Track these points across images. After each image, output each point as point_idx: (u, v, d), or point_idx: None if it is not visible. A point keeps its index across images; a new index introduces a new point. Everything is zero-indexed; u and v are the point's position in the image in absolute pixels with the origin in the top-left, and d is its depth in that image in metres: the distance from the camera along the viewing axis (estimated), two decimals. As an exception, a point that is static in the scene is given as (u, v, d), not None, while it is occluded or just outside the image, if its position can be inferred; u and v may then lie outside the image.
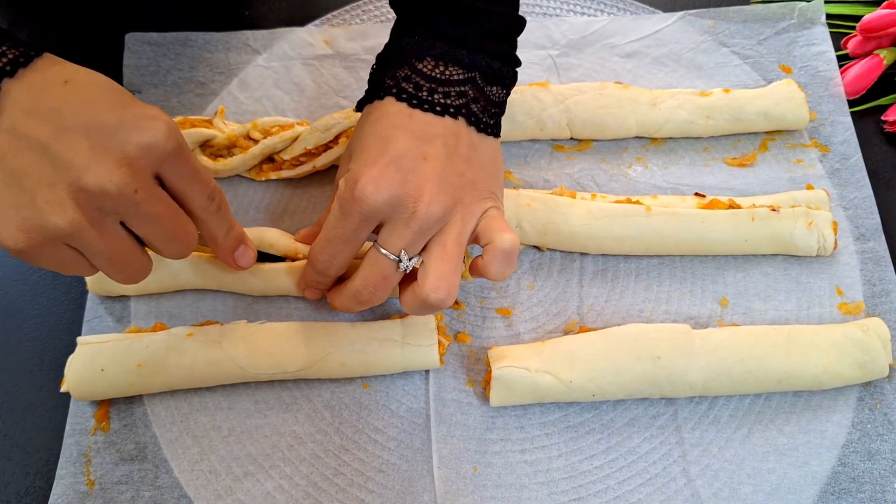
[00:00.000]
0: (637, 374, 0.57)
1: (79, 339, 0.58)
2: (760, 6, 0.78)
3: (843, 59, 0.76)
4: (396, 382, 0.60)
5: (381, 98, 0.54)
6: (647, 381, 0.57)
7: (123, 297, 0.63)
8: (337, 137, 0.67)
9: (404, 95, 0.52)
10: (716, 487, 0.56)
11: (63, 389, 0.57)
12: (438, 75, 0.53)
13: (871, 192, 0.68)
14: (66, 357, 0.58)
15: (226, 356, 0.57)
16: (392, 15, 0.78)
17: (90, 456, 0.57)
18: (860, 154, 0.70)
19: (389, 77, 0.54)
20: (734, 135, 0.72)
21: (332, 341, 0.58)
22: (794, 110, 0.70)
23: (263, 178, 0.68)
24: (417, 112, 0.52)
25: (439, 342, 0.59)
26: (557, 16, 0.79)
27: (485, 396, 0.60)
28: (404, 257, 0.51)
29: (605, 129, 0.70)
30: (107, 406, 0.59)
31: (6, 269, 0.65)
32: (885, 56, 0.73)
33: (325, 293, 0.60)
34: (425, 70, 0.53)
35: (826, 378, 0.58)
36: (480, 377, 0.61)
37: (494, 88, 0.55)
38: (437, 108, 0.52)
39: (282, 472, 0.57)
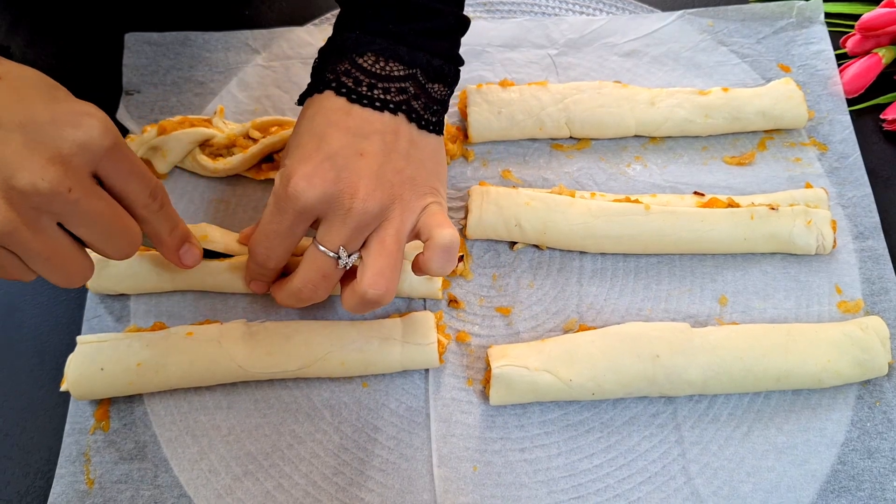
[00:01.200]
0: (636, 373, 0.57)
1: (78, 338, 0.58)
2: (759, 5, 0.79)
3: (842, 58, 0.76)
4: (396, 381, 0.60)
5: (321, 92, 0.53)
6: (646, 379, 0.57)
7: (123, 297, 0.63)
8: (336, 137, 0.67)
9: (343, 90, 0.52)
10: (715, 486, 0.56)
11: (63, 388, 0.57)
12: (379, 71, 0.53)
13: (869, 190, 0.68)
14: (66, 356, 0.58)
15: (225, 355, 0.57)
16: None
17: (90, 455, 0.57)
18: (859, 152, 0.70)
19: (330, 71, 0.53)
20: (733, 133, 0.72)
21: (331, 340, 0.58)
22: (792, 109, 0.70)
23: (263, 178, 0.68)
24: (356, 108, 0.52)
25: (439, 341, 0.59)
26: (556, 15, 0.79)
27: (484, 395, 0.60)
28: (343, 254, 0.51)
29: (604, 127, 0.70)
30: (106, 405, 0.59)
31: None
32: (883, 55, 0.74)
33: (269, 286, 0.59)
34: (365, 65, 0.52)
35: (825, 376, 0.58)
36: (480, 376, 0.61)
37: (436, 86, 0.55)
38: (377, 104, 0.52)
39: (281, 472, 0.57)
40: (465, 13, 0.58)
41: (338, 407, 0.59)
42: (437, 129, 0.56)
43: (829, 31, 0.77)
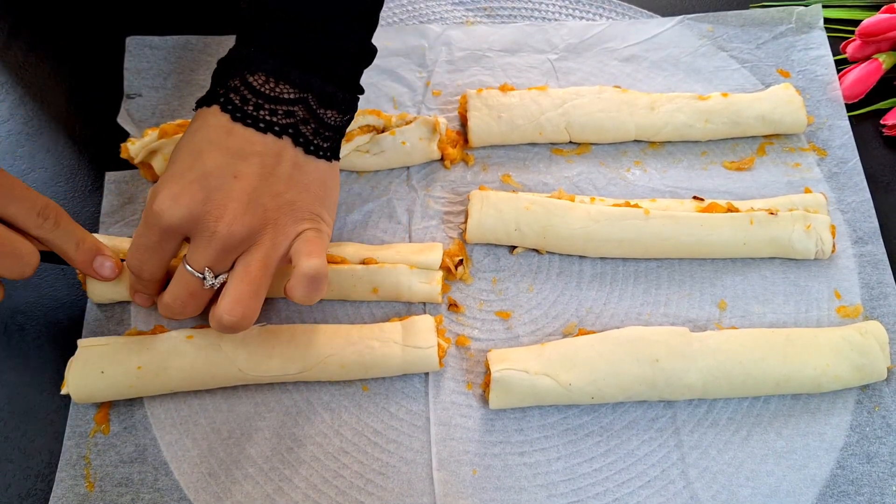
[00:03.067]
0: (636, 377, 0.57)
1: (79, 341, 0.58)
2: (759, 10, 0.79)
3: (842, 64, 0.76)
4: (396, 385, 0.61)
5: (209, 105, 0.52)
6: (645, 383, 0.57)
7: (124, 301, 0.63)
8: (337, 141, 0.67)
9: (230, 107, 0.51)
10: (714, 490, 0.56)
11: (63, 392, 0.57)
12: (268, 91, 0.52)
13: (869, 195, 0.68)
14: (67, 360, 0.58)
15: (226, 358, 0.57)
16: (392, 18, 0.79)
17: (90, 458, 0.57)
18: (858, 158, 0.70)
19: (221, 85, 0.53)
20: (732, 139, 0.72)
21: (331, 344, 0.58)
22: (792, 114, 0.70)
23: (263, 182, 0.68)
24: (238, 127, 0.51)
25: (439, 345, 0.59)
26: (556, 20, 0.79)
27: (484, 399, 0.60)
28: (209, 275, 0.51)
29: (604, 132, 0.70)
30: (106, 408, 0.59)
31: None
32: (883, 60, 0.74)
33: (152, 300, 0.59)
34: (255, 84, 0.52)
35: (824, 381, 0.58)
36: (480, 380, 0.61)
37: (329, 112, 0.54)
38: (261, 125, 0.51)
39: (281, 475, 0.57)
40: (372, 43, 0.57)
41: (338, 410, 0.59)
42: (327, 155, 0.55)
43: (830, 37, 0.77)
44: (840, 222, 0.67)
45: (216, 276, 0.51)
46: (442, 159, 0.70)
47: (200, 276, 0.51)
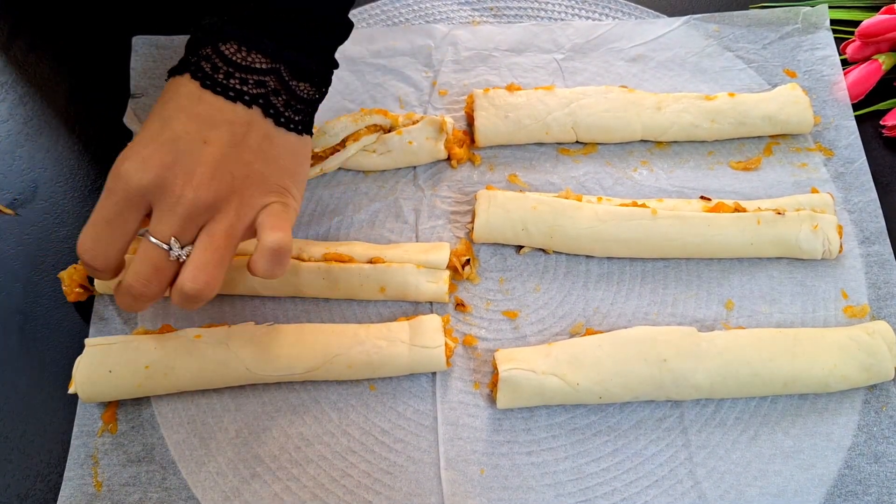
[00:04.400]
0: (643, 377, 0.57)
1: (87, 340, 0.58)
2: (765, 11, 0.79)
3: (842, 64, 0.76)
4: (403, 384, 0.61)
5: (181, 74, 0.52)
6: (653, 383, 0.57)
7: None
8: (344, 141, 0.67)
9: (200, 74, 0.51)
10: (722, 489, 0.56)
11: (71, 391, 0.57)
12: (240, 60, 0.51)
13: (875, 195, 0.68)
14: (69, 359, 0.58)
15: (233, 358, 0.57)
16: (398, 18, 0.79)
17: (98, 457, 0.57)
18: (865, 158, 0.70)
19: (192, 54, 0.52)
20: (739, 139, 0.72)
21: (339, 343, 0.58)
22: (798, 114, 0.70)
23: (270, 181, 0.68)
24: (208, 94, 0.50)
25: (446, 344, 0.59)
26: (563, 20, 0.79)
27: (491, 399, 0.60)
28: (175, 245, 0.49)
29: (611, 132, 0.70)
30: (114, 407, 0.59)
31: (12, 270, 0.65)
32: (883, 61, 0.74)
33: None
34: (227, 53, 0.51)
35: (832, 381, 0.58)
36: (487, 379, 0.61)
37: (302, 85, 0.54)
38: (230, 94, 0.51)
39: (289, 474, 0.57)
40: (350, 19, 0.57)
41: (345, 409, 0.60)
42: (298, 128, 0.54)
43: (832, 38, 0.77)
44: (847, 222, 0.67)
45: (182, 248, 0.49)
46: (448, 159, 0.70)
47: (166, 246, 0.49)
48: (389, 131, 0.69)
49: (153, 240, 0.49)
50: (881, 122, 0.73)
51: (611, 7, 0.80)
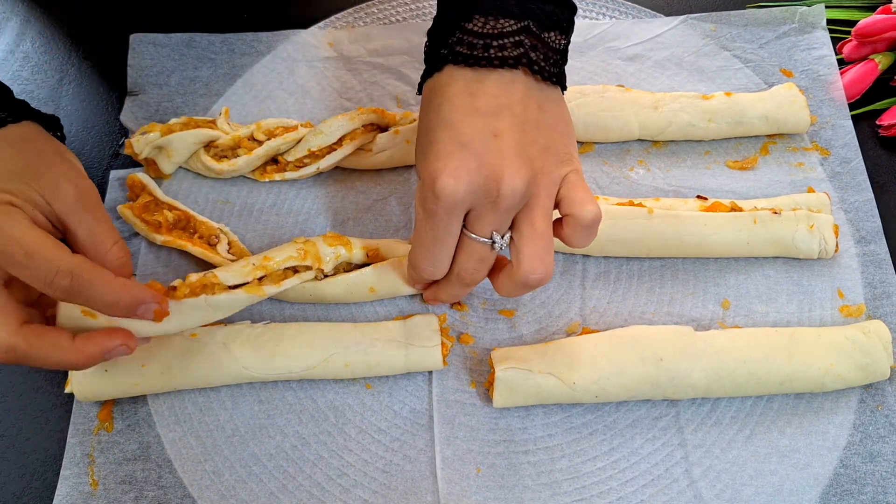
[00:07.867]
0: (640, 376, 0.57)
1: (83, 339, 0.58)
2: (761, 10, 0.79)
3: (838, 64, 0.76)
4: (400, 383, 0.61)
5: (440, 70, 0.52)
6: (649, 382, 0.57)
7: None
8: (341, 140, 0.67)
9: (460, 58, 0.50)
10: (718, 489, 0.57)
11: (67, 390, 0.57)
12: (490, 30, 0.51)
13: (871, 195, 0.68)
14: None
15: (230, 357, 0.57)
16: (395, 17, 0.79)
17: (94, 456, 0.57)
18: (861, 157, 0.70)
19: (442, 47, 0.52)
20: (735, 138, 0.72)
21: (335, 342, 0.58)
22: (795, 114, 0.70)
23: (267, 179, 0.68)
24: (474, 84, 0.50)
25: (442, 343, 0.59)
26: (560, 19, 0.79)
27: (488, 397, 0.60)
28: (497, 238, 0.51)
29: (608, 131, 0.70)
30: (110, 406, 0.59)
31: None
32: (879, 61, 0.74)
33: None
34: (475, 28, 0.51)
35: (828, 380, 0.58)
36: (483, 378, 0.61)
37: (552, 34, 0.53)
38: (496, 62, 0.50)
39: (285, 473, 0.57)
40: None
41: (342, 409, 0.60)
42: (560, 81, 0.54)
43: (828, 38, 0.77)
44: (843, 222, 0.68)
45: (502, 237, 0.51)
46: (445, 158, 0.70)
47: (488, 241, 0.51)
48: (386, 130, 0.69)
49: (474, 237, 0.51)
50: (877, 122, 0.73)
51: (608, 6, 0.80)
